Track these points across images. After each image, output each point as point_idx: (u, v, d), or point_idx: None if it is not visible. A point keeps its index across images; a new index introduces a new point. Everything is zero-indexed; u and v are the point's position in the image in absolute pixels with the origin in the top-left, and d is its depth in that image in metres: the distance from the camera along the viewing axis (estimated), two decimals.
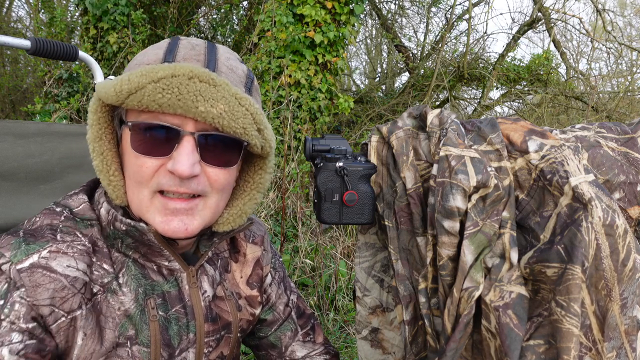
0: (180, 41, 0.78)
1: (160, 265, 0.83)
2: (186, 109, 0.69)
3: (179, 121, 0.72)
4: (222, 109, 0.71)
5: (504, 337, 0.70)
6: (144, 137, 0.73)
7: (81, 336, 0.74)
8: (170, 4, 6.71)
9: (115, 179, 0.78)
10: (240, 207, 0.85)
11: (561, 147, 0.76)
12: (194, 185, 0.74)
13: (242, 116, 0.73)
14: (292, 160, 3.87)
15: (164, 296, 0.83)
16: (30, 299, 0.70)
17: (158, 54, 0.76)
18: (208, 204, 0.78)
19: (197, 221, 0.77)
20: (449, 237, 0.74)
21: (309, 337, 1.09)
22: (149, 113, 0.72)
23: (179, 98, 0.69)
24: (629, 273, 0.71)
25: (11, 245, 0.72)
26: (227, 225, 0.84)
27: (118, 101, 0.70)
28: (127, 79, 0.70)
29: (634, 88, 8.41)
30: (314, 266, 2.98)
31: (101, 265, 0.78)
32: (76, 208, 0.81)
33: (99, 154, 0.77)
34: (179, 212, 0.75)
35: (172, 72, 0.69)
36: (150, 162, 0.73)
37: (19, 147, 1.22)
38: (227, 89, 0.72)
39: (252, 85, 0.81)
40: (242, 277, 0.99)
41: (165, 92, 0.68)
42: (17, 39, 1.35)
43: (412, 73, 8.65)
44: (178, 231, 0.75)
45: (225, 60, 0.78)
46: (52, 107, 5.50)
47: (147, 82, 0.69)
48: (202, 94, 0.70)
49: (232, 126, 0.72)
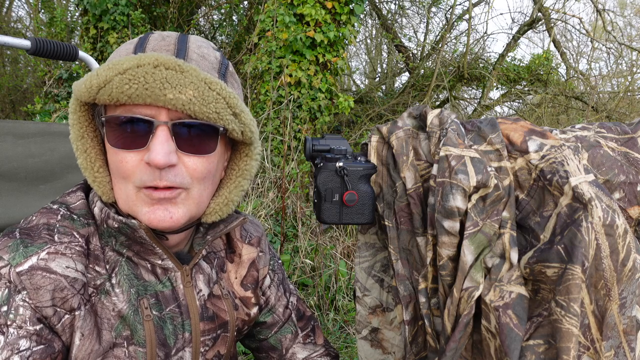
0: (151, 34, 0.78)
1: (154, 264, 0.83)
2: (154, 97, 0.69)
3: (152, 112, 0.72)
4: (192, 94, 0.70)
5: (504, 337, 0.70)
6: (120, 131, 0.73)
7: (79, 336, 0.74)
8: (170, 4, 6.71)
9: (100, 175, 0.78)
10: (226, 196, 0.84)
11: (561, 147, 0.76)
12: (171, 177, 0.73)
13: (213, 100, 0.72)
14: (292, 160, 3.87)
15: (157, 296, 0.83)
16: (33, 301, 0.70)
17: (129, 48, 0.76)
18: (190, 194, 0.77)
19: (182, 210, 0.76)
20: (449, 237, 0.74)
21: (310, 338, 1.08)
22: (123, 107, 0.72)
23: (145, 87, 0.68)
24: (628, 273, 0.71)
25: (9, 248, 0.72)
26: (214, 215, 0.83)
27: (90, 97, 0.70)
28: (95, 73, 0.69)
29: (634, 88, 8.41)
30: (314, 266, 2.98)
31: (94, 267, 0.78)
32: (73, 204, 0.81)
33: (83, 152, 0.77)
34: (163, 201, 0.74)
35: (137, 62, 0.69)
36: (130, 156, 0.73)
37: (19, 147, 1.22)
38: (195, 74, 0.71)
39: (226, 71, 0.80)
40: (237, 277, 0.98)
41: (131, 82, 0.68)
42: (17, 39, 1.35)
43: (412, 73, 8.64)
44: (163, 220, 0.74)
45: (196, 48, 0.77)
46: (52, 107, 5.51)
47: (113, 74, 0.68)
48: (168, 81, 0.69)
49: (204, 111, 0.71)
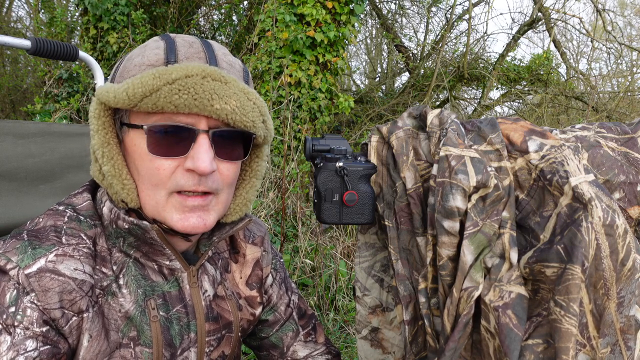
0: (176, 39, 0.79)
1: (162, 264, 0.83)
2: (202, 107, 0.71)
3: (192, 120, 0.74)
4: (235, 104, 0.74)
5: (504, 337, 0.70)
6: (160, 139, 0.74)
7: (87, 338, 0.75)
8: (170, 4, 6.71)
9: (129, 182, 0.78)
10: (244, 196, 0.88)
11: (561, 147, 0.76)
12: (210, 182, 0.76)
13: (250, 110, 0.76)
14: (292, 160, 3.87)
15: (164, 296, 0.83)
16: (41, 303, 0.71)
17: (158, 54, 0.76)
18: (220, 199, 0.80)
19: (213, 216, 0.79)
20: (448, 237, 0.75)
21: (311, 337, 1.09)
22: (160, 114, 0.73)
23: (195, 98, 0.71)
24: (627, 273, 0.71)
25: (17, 250, 0.73)
26: (234, 215, 0.87)
27: (130, 104, 0.71)
28: (139, 82, 0.70)
29: (634, 88, 8.41)
30: (314, 266, 2.98)
31: (100, 269, 0.78)
32: (79, 205, 0.82)
33: (109, 159, 0.77)
34: (197, 208, 0.76)
35: (185, 73, 0.71)
36: (167, 163, 0.74)
37: (19, 147, 1.22)
38: (236, 85, 0.75)
39: (249, 77, 0.84)
40: (242, 277, 0.99)
41: (181, 92, 0.70)
42: (17, 39, 1.35)
43: (412, 73, 8.64)
44: (197, 227, 0.77)
45: (222, 56, 0.80)
46: (52, 107, 5.51)
47: (162, 84, 0.70)
48: (216, 92, 0.72)
49: (243, 120, 0.75)
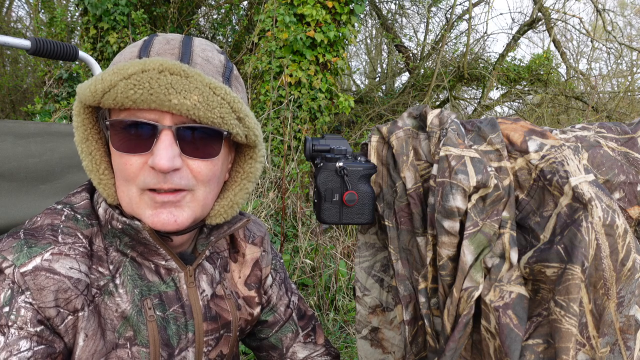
0: (155, 37, 0.78)
1: (158, 264, 0.83)
2: (159, 102, 0.69)
3: (156, 116, 0.72)
4: (196, 99, 0.70)
5: (504, 337, 0.70)
6: (124, 135, 0.73)
7: (82, 337, 0.74)
8: (170, 4, 6.71)
9: (106, 177, 0.78)
10: (231, 198, 0.84)
11: (561, 147, 0.76)
12: (176, 179, 0.73)
13: (218, 105, 0.72)
14: (292, 160, 3.87)
15: (161, 296, 0.83)
16: (36, 302, 0.70)
17: (133, 51, 0.76)
18: (195, 196, 0.77)
19: (186, 213, 0.76)
20: (448, 237, 0.74)
21: (310, 338, 1.09)
22: (127, 111, 0.73)
23: (150, 92, 0.68)
24: (627, 273, 0.71)
25: (13, 248, 0.73)
26: (219, 218, 0.83)
27: (95, 101, 0.71)
28: (100, 78, 0.70)
29: (634, 88, 8.41)
30: (314, 266, 2.98)
31: (97, 268, 0.78)
32: (77, 204, 0.82)
33: (87, 154, 0.77)
34: (167, 204, 0.75)
35: (142, 68, 0.69)
36: (134, 159, 0.73)
37: (19, 147, 1.22)
38: (199, 79, 0.71)
39: (230, 74, 0.80)
40: (241, 277, 0.99)
41: (136, 87, 0.68)
42: (17, 39, 1.35)
43: (412, 73, 8.64)
44: (167, 223, 0.75)
45: (200, 51, 0.78)
46: (52, 107, 5.50)
47: (118, 79, 0.69)
48: (173, 87, 0.69)
49: (208, 116, 0.71)
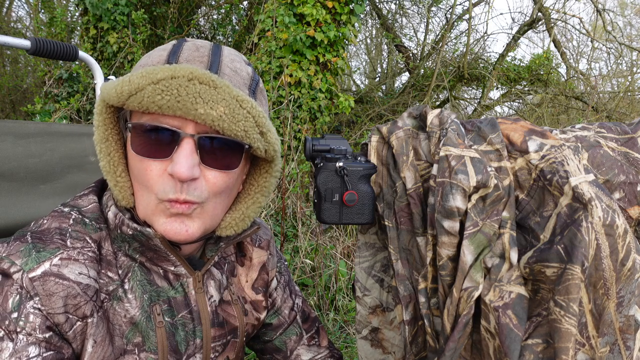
0: (185, 43, 0.78)
1: (167, 270, 0.82)
2: (185, 110, 0.68)
3: (179, 123, 0.71)
4: (222, 111, 0.70)
5: (504, 337, 0.70)
6: (144, 139, 0.72)
7: (91, 343, 0.74)
8: (170, 4, 6.71)
9: (122, 180, 0.77)
10: (243, 211, 0.83)
11: (561, 147, 0.76)
12: (192, 190, 0.73)
13: (243, 119, 0.72)
14: (292, 160, 3.87)
15: (170, 302, 0.82)
16: (45, 307, 0.70)
17: (162, 55, 0.75)
18: (205, 208, 0.76)
19: (197, 224, 0.76)
20: (448, 237, 0.74)
21: (314, 340, 1.08)
22: (150, 115, 0.72)
23: (178, 100, 0.68)
24: (627, 273, 0.71)
25: (21, 252, 0.72)
26: (229, 230, 0.83)
27: (119, 102, 0.70)
28: (127, 80, 0.69)
29: (634, 88, 8.41)
30: (314, 266, 2.98)
31: (106, 273, 0.77)
32: (85, 208, 0.81)
33: (106, 154, 0.77)
34: (180, 215, 0.74)
35: (171, 74, 0.69)
36: (153, 165, 0.72)
37: (19, 147, 1.22)
38: (227, 91, 0.71)
39: (256, 87, 0.80)
40: (248, 281, 0.98)
41: (164, 93, 0.68)
42: (17, 39, 1.35)
43: (412, 73, 8.64)
44: (179, 233, 0.74)
45: (229, 62, 0.77)
46: (52, 107, 5.50)
47: (146, 83, 0.68)
48: (201, 96, 0.68)
49: (232, 129, 0.71)
